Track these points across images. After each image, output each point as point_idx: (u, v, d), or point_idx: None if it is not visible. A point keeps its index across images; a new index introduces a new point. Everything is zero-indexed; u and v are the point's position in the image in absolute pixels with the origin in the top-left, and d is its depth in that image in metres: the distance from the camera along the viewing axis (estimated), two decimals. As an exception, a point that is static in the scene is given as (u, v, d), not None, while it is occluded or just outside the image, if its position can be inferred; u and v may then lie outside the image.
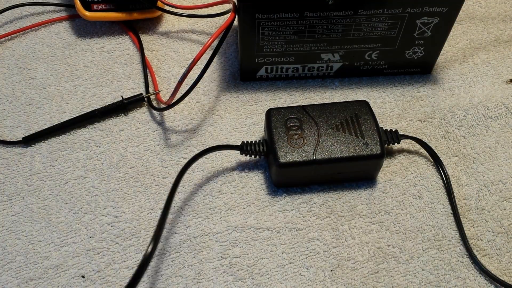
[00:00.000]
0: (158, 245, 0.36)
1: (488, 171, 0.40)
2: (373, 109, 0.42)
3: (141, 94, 0.44)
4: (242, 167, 0.40)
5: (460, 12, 0.41)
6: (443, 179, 0.39)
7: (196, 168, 0.40)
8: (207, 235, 0.37)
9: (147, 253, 0.30)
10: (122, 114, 0.43)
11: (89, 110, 0.43)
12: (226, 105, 0.44)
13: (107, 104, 0.43)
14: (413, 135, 0.41)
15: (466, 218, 0.38)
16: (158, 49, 0.47)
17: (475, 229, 0.37)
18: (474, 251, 0.36)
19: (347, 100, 0.42)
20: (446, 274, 0.36)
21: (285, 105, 0.44)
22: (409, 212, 0.38)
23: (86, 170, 0.40)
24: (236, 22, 0.41)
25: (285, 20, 0.40)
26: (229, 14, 0.40)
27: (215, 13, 0.45)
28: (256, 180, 0.39)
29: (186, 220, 0.38)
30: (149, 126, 0.42)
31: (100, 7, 0.46)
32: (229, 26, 0.40)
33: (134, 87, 0.45)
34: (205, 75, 0.41)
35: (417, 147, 0.41)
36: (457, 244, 0.37)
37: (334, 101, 0.42)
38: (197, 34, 0.49)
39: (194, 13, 0.47)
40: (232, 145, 0.39)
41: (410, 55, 0.44)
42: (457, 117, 0.43)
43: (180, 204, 0.38)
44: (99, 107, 0.43)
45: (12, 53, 0.47)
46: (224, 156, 0.41)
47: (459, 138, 0.42)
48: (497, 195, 0.39)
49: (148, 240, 0.37)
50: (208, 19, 0.49)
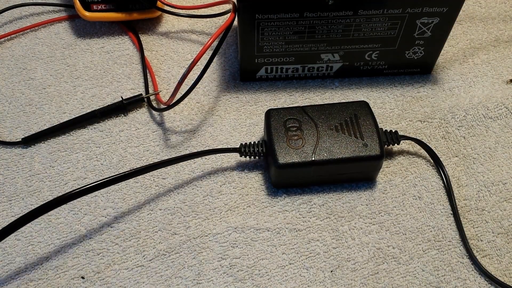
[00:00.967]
0: (158, 246, 0.36)
1: (488, 172, 0.40)
2: (373, 109, 0.42)
3: (141, 94, 0.44)
4: (242, 167, 0.40)
5: (460, 12, 0.40)
6: (443, 179, 0.39)
7: (196, 169, 0.40)
8: (207, 236, 0.37)
9: None
10: (122, 115, 0.43)
11: (88, 111, 0.43)
12: (226, 105, 0.44)
13: (107, 104, 0.43)
14: (413, 136, 0.41)
15: (466, 219, 0.38)
16: (158, 50, 0.47)
17: (475, 230, 0.37)
18: (474, 251, 0.36)
19: (346, 101, 0.42)
20: (446, 275, 0.36)
21: (285, 106, 0.44)
22: (409, 212, 0.38)
23: (86, 171, 0.40)
24: (236, 23, 0.41)
25: (285, 20, 0.40)
26: (229, 14, 0.39)
27: (215, 13, 0.45)
28: (256, 180, 0.39)
29: (186, 221, 0.38)
30: (149, 127, 0.42)
31: (99, 7, 0.46)
32: (229, 27, 0.40)
33: (133, 87, 0.45)
34: (205, 76, 0.41)
35: (417, 147, 0.41)
36: (457, 244, 0.37)
37: (334, 102, 0.42)
38: (197, 34, 0.49)
39: (194, 13, 0.47)
40: (230, 148, 0.39)
41: (410, 55, 0.44)
42: (457, 118, 0.43)
43: (180, 204, 0.38)
44: (99, 107, 0.43)
45: (12, 54, 0.47)
46: (224, 156, 0.41)
47: (459, 139, 0.42)
48: (497, 195, 0.39)
49: (148, 241, 0.37)
50: (208, 19, 0.49)
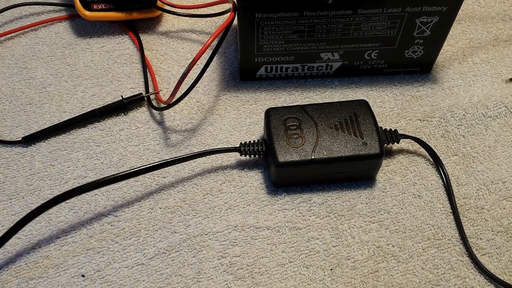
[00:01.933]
0: (158, 244, 0.36)
1: (488, 170, 0.40)
2: (373, 108, 0.42)
3: (141, 93, 0.44)
4: (242, 166, 0.40)
5: (460, 11, 0.41)
6: (442, 178, 0.39)
7: (196, 167, 0.40)
8: (207, 234, 0.37)
9: None
10: (122, 114, 0.43)
11: (89, 110, 0.43)
12: (226, 104, 0.44)
13: (107, 103, 0.43)
14: (412, 135, 0.41)
15: (466, 217, 0.38)
16: (158, 49, 0.47)
17: (474, 228, 0.37)
18: (474, 250, 0.36)
19: (346, 100, 0.42)
20: (445, 273, 0.36)
21: (284, 105, 0.44)
22: (409, 211, 0.38)
23: (86, 170, 0.40)
24: (235, 22, 0.41)
25: (285, 20, 0.40)
26: (229, 14, 0.40)
27: (215, 12, 0.45)
28: (256, 179, 0.39)
29: (186, 219, 0.38)
30: (149, 126, 0.43)
31: (100, 6, 0.46)
32: (228, 26, 0.40)
33: (134, 86, 0.45)
34: (205, 75, 0.41)
35: (416, 146, 0.41)
36: (457, 243, 0.37)
37: (334, 101, 0.42)
38: (196, 33, 0.49)
39: (194, 12, 0.47)
40: (229, 148, 0.39)
41: (409, 54, 0.44)
42: (457, 116, 0.43)
43: (180, 203, 0.38)
44: (99, 106, 0.43)
45: (12, 53, 0.47)
46: (223, 155, 0.41)
47: (458, 137, 0.42)
48: (497, 194, 0.39)
49: (149, 239, 0.37)
50: (208, 19, 0.49)
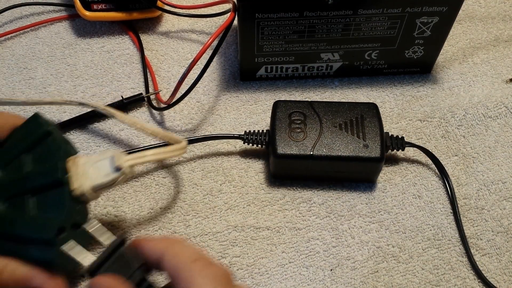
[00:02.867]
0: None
1: (488, 171, 0.40)
2: (373, 108, 0.42)
3: (141, 94, 0.44)
4: (242, 166, 0.40)
5: (460, 11, 0.41)
6: (442, 178, 0.39)
7: (196, 167, 0.40)
8: (207, 234, 0.37)
9: None
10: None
11: (89, 110, 0.43)
12: (226, 104, 0.44)
13: (107, 104, 0.43)
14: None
15: (466, 218, 0.38)
16: (158, 49, 0.47)
17: (474, 229, 0.37)
18: (474, 250, 0.36)
19: (356, 101, 0.41)
20: (445, 273, 0.36)
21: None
22: (409, 211, 0.38)
23: (86, 170, 0.40)
24: (236, 22, 0.41)
25: (285, 20, 0.40)
26: (229, 14, 0.40)
27: (215, 12, 0.45)
28: (256, 179, 0.39)
29: (186, 219, 0.38)
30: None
31: (100, 7, 0.46)
32: (229, 26, 0.40)
33: (134, 86, 0.45)
34: (205, 75, 0.41)
35: (417, 150, 0.41)
36: (457, 243, 0.37)
37: (343, 101, 0.42)
38: (197, 34, 0.49)
39: (194, 13, 0.47)
40: (234, 135, 0.40)
41: (409, 54, 0.44)
42: (457, 117, 0.43)
43: (180, 203, 0.38)
44: (99, 106, 0.43)
45: (12, 53, 0.47)
46: (224, 155, 0.41)
47: (458, 138, 0.42)
48: (497, 194, 0.39)
49: (148, 239, 0.37)
50: (208, 19, 0.49)
